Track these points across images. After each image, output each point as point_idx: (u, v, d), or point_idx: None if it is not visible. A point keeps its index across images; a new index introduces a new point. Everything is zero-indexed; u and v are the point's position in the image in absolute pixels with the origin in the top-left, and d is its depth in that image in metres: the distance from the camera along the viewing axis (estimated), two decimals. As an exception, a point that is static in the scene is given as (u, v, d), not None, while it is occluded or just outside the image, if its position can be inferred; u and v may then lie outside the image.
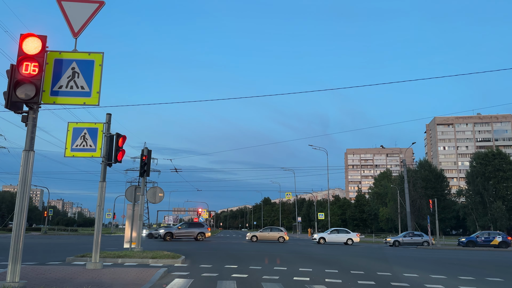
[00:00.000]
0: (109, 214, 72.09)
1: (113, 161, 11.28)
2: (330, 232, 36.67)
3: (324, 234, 36.42)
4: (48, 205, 71.19)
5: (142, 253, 14.75)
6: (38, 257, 15.13)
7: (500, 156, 70.70)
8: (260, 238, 37.06)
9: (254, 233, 37.96)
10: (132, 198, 17.55)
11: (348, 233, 36.52)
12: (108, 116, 11.60)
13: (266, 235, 37.31)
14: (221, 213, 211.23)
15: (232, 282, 9.00)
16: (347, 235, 35.95)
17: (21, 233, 6.38)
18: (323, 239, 35.47)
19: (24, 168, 6.53)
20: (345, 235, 36.12)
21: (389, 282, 9.75)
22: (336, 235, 36.09)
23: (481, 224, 66.55)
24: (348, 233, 36.66)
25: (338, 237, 35.90)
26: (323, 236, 35.91)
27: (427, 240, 36.24)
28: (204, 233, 34.22)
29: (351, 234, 36.29)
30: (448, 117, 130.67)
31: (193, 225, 35.89)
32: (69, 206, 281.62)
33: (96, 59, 7.17)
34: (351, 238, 35.49)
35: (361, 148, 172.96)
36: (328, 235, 36.00)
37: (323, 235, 36.00)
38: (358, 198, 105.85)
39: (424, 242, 36.17)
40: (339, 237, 35.89)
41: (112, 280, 8.43)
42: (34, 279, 8.24)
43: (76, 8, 7.32)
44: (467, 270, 13.97)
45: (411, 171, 75.32)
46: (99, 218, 11.05)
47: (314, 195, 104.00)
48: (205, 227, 35.79)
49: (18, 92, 6.53)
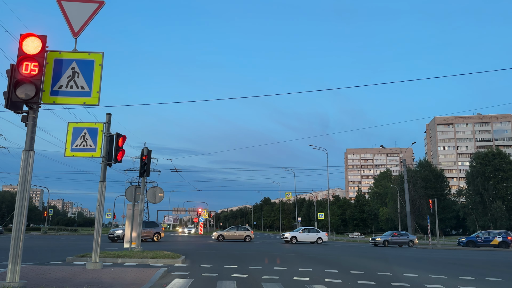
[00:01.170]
0: (109, 214, 72.13)
1: (113, 161, 11.28)
2: (302, 231, 35.91)
3: (296, 233, 35.67)
4: (48, 205, 71.18)
5: (142, 253, 14.75)
6: (38, 257, 15.13)
7: (500, 156, 70.68)
8: (227, 237, 36.58)
9: (220, 232, 37.42)
10: (132, 198, 17.56)
11: (318, 232, 36.05)
12: (108, 116, 11.60)
13: (233, 234, 37.00)
14: (221, 213, 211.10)
15: (232, 282, 8.99)
16: (317, 234, 35.53)
17: (21, 233, 6.37)
18: (294, 238, 34.87)
19: (24, 168, 6.53)
20: (315, 234, 35.65)
21: (389, 282, 9.75)
22: (307, 234, 35.54)
23: (481, 224, 66.53)
24: (318, 232, 36.20)
25: (309, 236, 35.39)
26: (295, 235, 35.20)
27: (412, 240, 37.10)
28: (160, 233, 32.44)
29: (320, 233, 35.84)
30: (448, 117, 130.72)
31: (149, 224, 33.15)
32: (69, 206, 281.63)
33: (96, 59, 7.17)
34: (320, 237, 35.13)
35: (361, 148, 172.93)
36: (299, 234, 35.32)
37: (295, 234, 35.33)
38: (358, 198, 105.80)
39: (410, 242, 36.74)
40: (309, 236, 35.39)
41: (112, 280, 8.43)
42: (34, 279, 8.24)
43: (76, 8, 7.32)
44: (467, 270, 13.97)
45: (411, 171, 75.28)
46: (99, 218, 11.05)
47: (314, 195, 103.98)
48: (160, 227, 33.77)
49: (18, 92, 6.53)
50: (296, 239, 34.83)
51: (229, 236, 36.89)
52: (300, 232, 35.72)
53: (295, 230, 36.94)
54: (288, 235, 35.40)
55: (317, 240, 35.05)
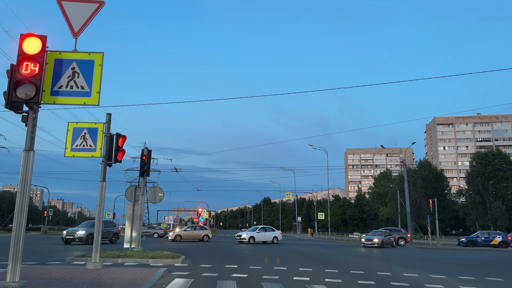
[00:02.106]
0: (109, 214, 71.97)
1: (113, 161, 11.28)
2: (259, 230, 34.10)
3: (253, 232, 33.68)
4: (48, 205, 71.16)
5: (142, 253, 14.76)
6: (38, 257, 15.13)
7: (500, 156, 70.68)
8: (184, 237, 35.42)
9: (178, 232, 35.79)
10: (132, 198, 17.56)
11: (274, 231, 34.79)
12: (108, 116, 11.60)
13: (191, 233, 35.98)
14: (221, 213, 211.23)
15: (232, 282, 8.99)
16: (273, 233, 34.32)
17: (21, 233, 6.38)
18: (252, 239, 32.91)
19: (24, 168, 6.53)
20: (272, 233, 34.39)
21: (389, 282, 9.75)
22: (264, 234, 33.98)
23: (481, 224, 66.54)
24: (273, 231, 34.91)
25: (266, 235, 33.92)
26: (253, 235, 33.25)
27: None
28: (118, 234, 29.66)
29: (275, 232, 34.60)
30: (448, 117, 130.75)
31: (108, 224, 30.00)
32: (69, 206, 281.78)
33: (96, 59, 7.17)
34: (276, 237, 33.98)
35: (361, 148, 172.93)
36: (257, 234, 33.52)
37: (253, 234, 33.36)
38: (358, 198, 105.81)
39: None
40: (266, 235, 33.94)
41: (112, 280, 8.43)
42: (34, 279, 8.24)
43: (76, 8, 7.32)
44: (467, 270, 13.96)
45: (411, 171, 75.31)
46: (99, 218, 11.05)
47: (314, 195, 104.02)
48: (117, 227, 30.91)
49: (18, 92, 6.53)
50: (254, 240, 32.95)
51: (187, 236, 35.62)
52: (258, 231, 33.90)
53: (250, 230, 34.97)
54: (246, 235, 33.10)
55: (273, 239, 33.70)
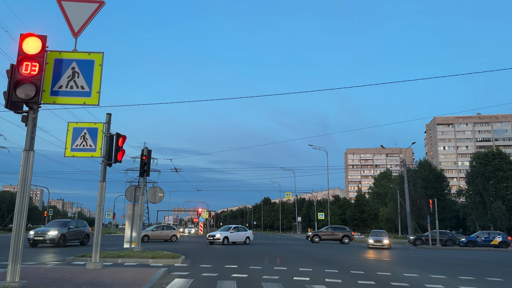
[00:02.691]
0: (109, 214, 72.06)
1: (113, 161, 11.28)
2: (232, 229, 33.13)
3: (227, 232, 32.53)
4: (48, 205, 71.16)
5: (142, 253, 14.76)
6: (38, 257, 15.13)
7: (500, 156, 70.63)
8: (152, 237, 34.85)
9: (146, 232, 34.75)
10: (132, 198, 17.56)
11: (246, 231, 34.31)
12: (108, 116, 11.60)
13: (159, 234, 35.54)
14: (221, 213, 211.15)
15: (232, 282, 9.00)
16: (246, 233, 33.77)
17: (21, 233, 6.38)
18: (226, 239, 31.81)
19: (24, 168, 6.53)
20: (245, 233, 33.75)
21: (389, 282, 9.75)
22: (238, 234, 33.15)
23: (481, 224, 66.51)
24: (246, 230, 34.39)
25: (239, 235, 33.16)
26: (227, 235, 32.15)
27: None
28: (89, 235, 27.05)
29: (247, 232, 34.12)
30: (448, 117, 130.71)
31: (80, 224, 27.57)
32: (69, 206, 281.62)
33: (96, 59, 7.17)
34: (248, 237, 33.51)
35: (361, 148, 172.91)
36: (231, 234, 32.54)
37: (227, 234, 32.24)
38: (358, 198, 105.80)
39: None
40: (239, 235, 33.20)
41: (112, 280, 8.43)
42: (34, 279, 8.24)
43: (76, 8, 7.32)
44: (467, 270, 13.97)
45: (411, 171, 75.27)
46: (99, 218, 11.06)
47: (314, 195, 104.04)
48: (87, 227, 27.94)
49: (18, 92, 6.53)
50: (228, 240, 31.87)
51: (155, 236, 35.10)
52: (231, 231, 32.86)
53: (222, 229, 34.03)
54: (220, 235, 31.64)
55: (245, 240, 33.12)
